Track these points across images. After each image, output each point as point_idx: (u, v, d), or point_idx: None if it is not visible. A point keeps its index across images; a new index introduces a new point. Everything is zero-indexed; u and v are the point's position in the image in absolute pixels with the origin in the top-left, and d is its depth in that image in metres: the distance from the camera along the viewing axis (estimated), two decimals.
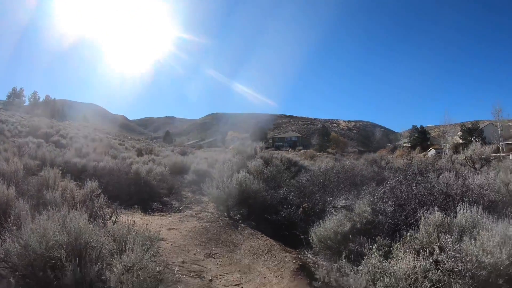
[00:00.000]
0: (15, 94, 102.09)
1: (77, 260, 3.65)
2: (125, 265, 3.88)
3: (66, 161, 16.48)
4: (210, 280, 6.28)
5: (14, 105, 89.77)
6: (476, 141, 40.80)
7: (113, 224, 6.57)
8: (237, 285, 6.23)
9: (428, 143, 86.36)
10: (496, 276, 3.90)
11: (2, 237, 3.81)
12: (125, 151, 28.00)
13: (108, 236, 4.70)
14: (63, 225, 4.04)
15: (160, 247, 6.52)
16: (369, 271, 4.08)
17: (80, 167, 15.06)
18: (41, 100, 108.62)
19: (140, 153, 29.46)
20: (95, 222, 5.98)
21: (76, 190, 8.39)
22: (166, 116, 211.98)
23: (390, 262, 4.20)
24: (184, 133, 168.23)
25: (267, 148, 18.21)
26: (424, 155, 40.06)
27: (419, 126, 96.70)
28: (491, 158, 17.52)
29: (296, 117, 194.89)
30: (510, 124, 71.01)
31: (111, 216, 7.45)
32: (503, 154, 44.25)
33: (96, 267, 3.73)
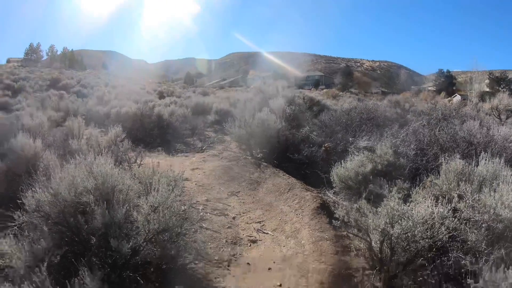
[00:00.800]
0: (32, 50, 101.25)
1: (105, 204, 3.77)
2: (151, 206, 4.03)
3: (88, 110, 16.73)
4: (234, 218, 6.49)
5: (32, 61, 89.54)
6: (503, 91, 39.42)
7: (138, 167, 6.77)
8: (259, 222, 6.43)
9: (454, 88, 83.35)
10: (511, 231, 3.89)
11: (33, 189, 3.94)
12: (147, 95, 28.02)
13: (134, 179, 4.83)
14: (90, 171, 4.17)
15: (184, 187, 6.68)
16: (387, 213, 4.10)
17: (102, 114, 15.26)
18: (59, 53, 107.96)
19: (161, 95, 29.50)
20: (120, 166, 6.13)
21: (101, 136, 8.59)
22: (186, 58, 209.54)
23: (408, 206, 4.22)
24: (204, 73, 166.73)
25: (288, 87, 18.01)
26: (449, 101, 38.96)
27: (445, 70, 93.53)
28: None
29: (319, 55, 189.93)
30: None
31: (136, 159, 7.62)
32: None
33: (123, 209, 3.83)
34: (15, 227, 3.97)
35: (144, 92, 32.39)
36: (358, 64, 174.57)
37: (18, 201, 3.99)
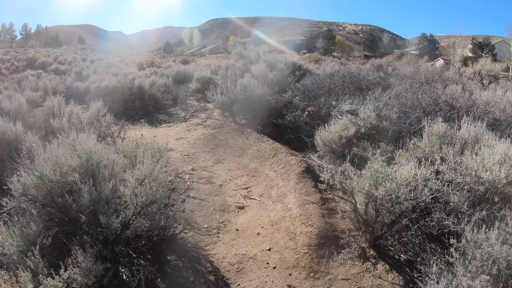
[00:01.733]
0: (5, 31, 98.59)
1: (92, 181, 3.77)
2: (137, 179, 4.05)
3: (68, 87, 16.56)
4: (220, 185, 6.56)
5: (6, 42, 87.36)
6: (486, 56, 39.57)
7: (122, 141, 6.75)
8: (246, 188, 6.51)
9: (437, 52, 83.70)
10: (492, 193, 4.00)
11: (18, 173, 3.90)
12: (126, 67, 27.57)
13: (118, 153, 4.85)
14: (74, 149, 4.15)
15: (169, 158, 6.73)
16: (372, 175, 4.18)
17: (82, 90, 15.03)
18: (33, 31, 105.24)
19: (141, 67, 29.13)
20: (104, 141, 6.15)
21: (82, 113, 8.50)
22: (164, 27, 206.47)
23: (392, 168, 4.30)
24: (184, 42, 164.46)
25: (270, 52, 17.92)
26: (432, 65, 39.15)
27: (428, 35, 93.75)
28: (500, 76, 17.33)
29: (300, 19, 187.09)
30: None
31: (119, 133, 7.62)
32: None
33: (110, 184, 3.85)
34: (4, 214, 3.97)
35: (123, 64, 31.90)
36: (340, 28, 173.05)
37: (4, 187, 3.98)
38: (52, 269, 3.14)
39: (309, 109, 8.72)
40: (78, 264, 3.19)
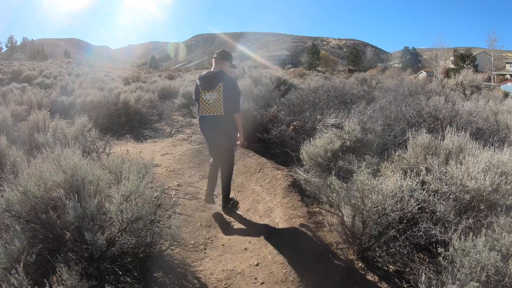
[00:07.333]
0: None
1: (76, 197, 3.71)
2: (122, 195, 3.98)
3: (53, 101, 16.37)
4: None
5: None
6: (468, 67, 40.57)
7: (107, 156, 6.68)
8: None
9: (420, 65, 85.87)
10: (478, 201, 4.08)
11: (1, 188, 3.84)
12: (112, 82, 27.42)
13: (103, 169, 4.77)
14: (58, 165, 4.10)
15: (155, 173, 6.70)
16: (358, 188, 4.18)
17: (67, 104, 14.90)
18: (18, 43, 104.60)
19: (127, 82, 29.03)
20: (89, 156, 6.07)
21: (67, 128, 8.44)
22: (150, 42, 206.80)
23: (378, 180, 4.31)
24: (170, 57, 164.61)
25: (255, 67, 17.96)
26: (415, 77, 39.96)
27: (411, 48, 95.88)
28: (482, 86, 17.69)
29: (285, 34, 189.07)
30: (503, 55, 70.21)
31: (104, 149, 7.55)
32: (494, 83, 44.44)
33: (95, 200, 3.77)
34: None
35: (109, 78, 31.75)
36: (325, 42, 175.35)
37: None
38: (36, 287, 3.08)
39: (294, 123, 8.73)
40: (63, 281, 3.13)
